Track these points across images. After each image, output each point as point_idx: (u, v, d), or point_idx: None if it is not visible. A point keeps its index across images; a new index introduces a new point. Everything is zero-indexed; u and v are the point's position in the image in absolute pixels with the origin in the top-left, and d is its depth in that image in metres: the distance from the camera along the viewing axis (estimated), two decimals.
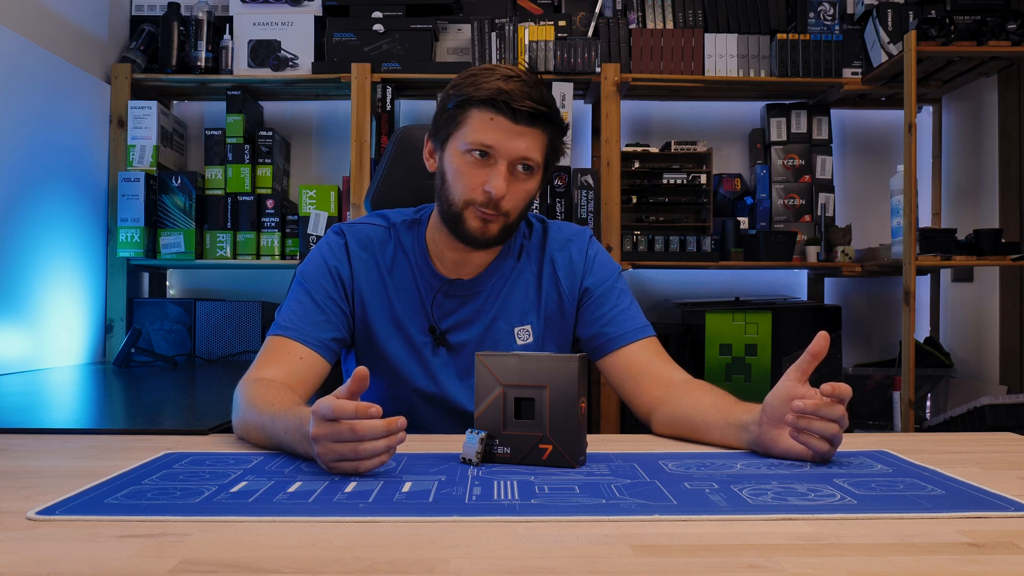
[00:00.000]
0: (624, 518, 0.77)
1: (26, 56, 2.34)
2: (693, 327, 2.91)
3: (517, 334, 1.35)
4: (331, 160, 3.16)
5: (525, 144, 1.23)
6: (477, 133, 1.22)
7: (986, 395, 2.52)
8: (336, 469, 0.92)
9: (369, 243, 1.34)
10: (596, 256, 1.38)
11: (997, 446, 1.17)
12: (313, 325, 1.27)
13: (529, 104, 1.21)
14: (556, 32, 2.85)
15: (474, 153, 1.23)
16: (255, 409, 1.10)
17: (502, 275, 1.36)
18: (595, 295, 1.36)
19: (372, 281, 1.33)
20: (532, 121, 1.22)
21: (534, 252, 1.38)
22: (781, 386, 1.03)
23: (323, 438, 0.91)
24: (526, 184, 1.26)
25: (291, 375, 1.22)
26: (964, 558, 0.66)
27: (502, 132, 1.22)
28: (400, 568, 0.63)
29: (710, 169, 2.96)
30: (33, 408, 1.62)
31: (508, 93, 1.20)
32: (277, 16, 2.87)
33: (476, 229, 1.25)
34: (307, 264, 1.34)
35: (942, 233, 2.52)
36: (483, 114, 1.22)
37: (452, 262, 1.33)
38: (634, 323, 1.35)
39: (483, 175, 1.23)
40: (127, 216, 2.75)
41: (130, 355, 2.47)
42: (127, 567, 0.63)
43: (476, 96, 1.22)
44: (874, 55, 2.77)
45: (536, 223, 1.41)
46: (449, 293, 1.34)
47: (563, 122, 1.28)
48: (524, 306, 1.36)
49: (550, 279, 1.37)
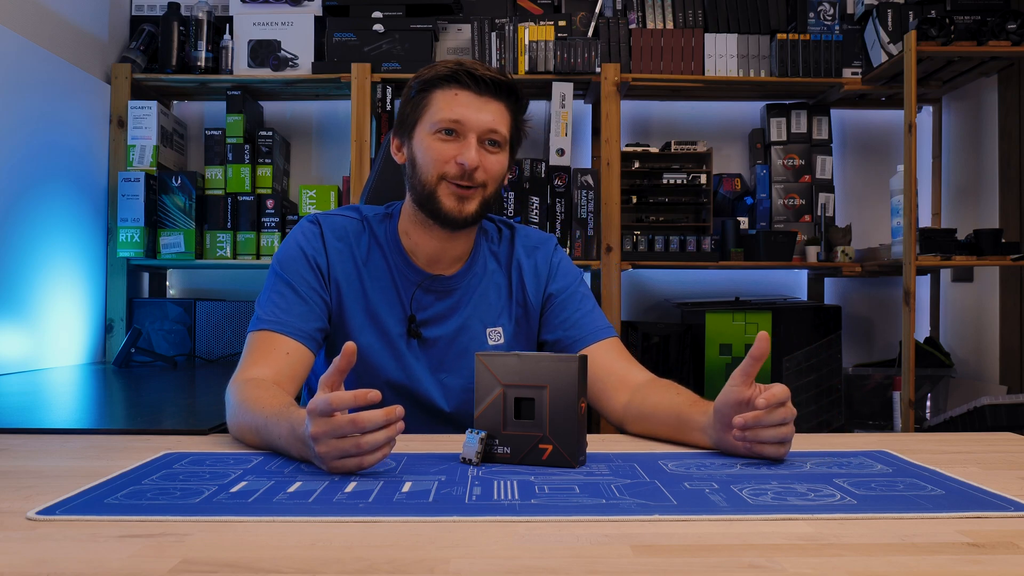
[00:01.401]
0: (624, 518, 0.77)
1: (26, 56, 2.34)
2: (693, 327, 2.91)
3: (489, 335, 1.36)
4: (331, 160, 3.16)
5: (491, 116, 1.25)
6: (443, 111, 1.25)
7: (986, 395, 2.52)
8: (338, 468, 0.91)
9: (344, 233, 1.34)
10: (560, 263, 1.41)
11: (997, 446, 1.17)
12: (296, 317, 1.25)
13: (490, 73, 1.25)
14: (556, 32, 2.85)
15: (442, 132, 1.25)
16: (248, 412, 1.09)
17: (475, 275, 1.37)
18: (558, 300, 1.38)
19: (347, 271, 1.32)
20: (496, 92, 1.26)
21: (503, 256, 1.40)
22: (728, 392, 1.04)
23: (323, 436, 0.90)
24: (497, 157, 1.28)
25: (280, 372, 1.20)
26: (964, 558, 0.66)
27: (467, 105, 1.25)
28: (400, 568, 0.63)
29: (710, 169, 2.96)
30: (33, 408, 1.62)
31: (468, 65, 1.25)
32: (277, 16, 2.87)
33: (452, 207, 1.26)
34: (283, 253, 1.32)
35: (942, 233, 2.52)
36: (447, 92, 1.26)
37: (426, 255, 1.33)
38: (595, 324, 1.37)
39: (453, 149, 1.25)
40: (127, 216, 2.75)
41: (130, 355, 2.47)
42: (127, 567, 0.63)
43: (438, 74, 1.26)
44: (874, 55, 2.77)
45: (504, 228, 1.43)
46: (427, 288, 1.33)
47: (524, 98, 1.31)
48: (497, 307, 1.37)
49: (518, 284, 1.39)
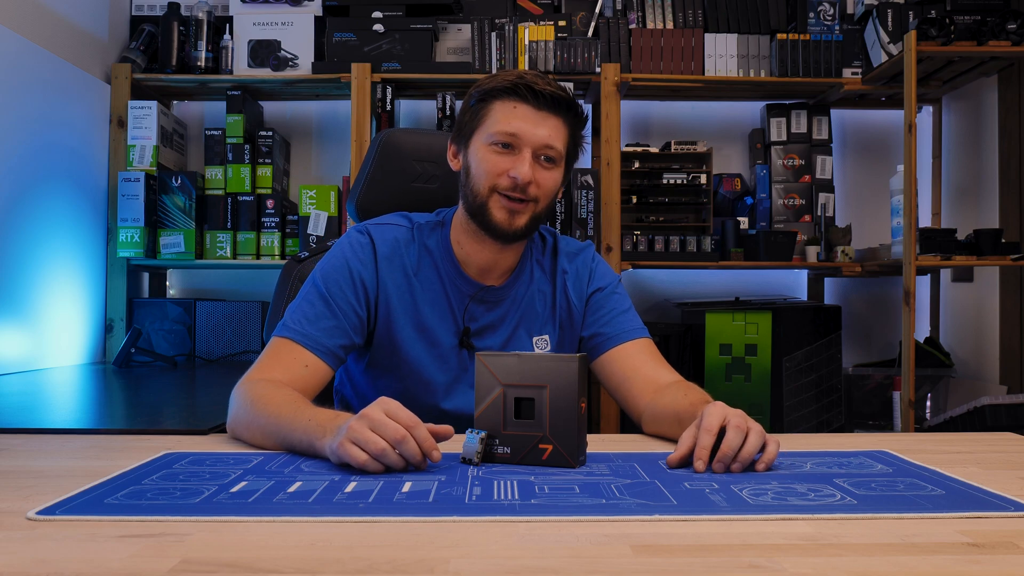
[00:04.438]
0: (624, 518, 0.77)
1: (26, 56, 2.34)
2: (693, 327, 2.91)
3: (536, 343, 1.37)
4: (331, 160, 3.16)
5: (547, 132, 1.25)
6: (500, 123, 1.25)
7: (986, 395, 2.52)
8: (347, 451, 0.93)
9: (396, 244, 1.32)
10: (598, 266, 1.42)
11: (997, 446, 1.17)
12: (322, 331, 1.24)
13: (550, 89, 1.24)
14: (556, 32, 2.85)
15: (498, 144, 1.25)
16: (262, 409, 1.09)
17: (523, 283, 1.37)
18: (596, 299, 1.39)
19: (398, 283, 1.31)
20: (554, 107, 1.25)
21: (547, 265, 1.40)
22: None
23: (372, 421, 0.93)
24: (551, 173, 1.28)
25: (293, 382, 1.19)
26: (964, 558, 0.66)
27: (525, 119, 1.24)
28: (400, 568, 0.63)
29: (710, 169, 2.96)
30: (33, 408, 1.62)
31: (528, 79, 1.24)
32: (277, 16, 2.87)
33: (503, 220, 1.26)
34: (327, 263, 1.30)
35: (942, 233, 2.52)
36: (506, 104, 1.25)
37: (478, 266, 1.32)
38: (630, 324, 1.37)
39: (507, 162, 1.25)
40: (127, 216, 2.75)
41: (130, 355, 2.47)
42: (127, 567, 0.63)
43: (498, 86, 1.25)
44: (874, 55, 2.77)
45: (548, 236, 1.43)
46: (479, 299, 1.33)
47: (583, 113, 1.30)
48: (543, 316, 1.38)
49: (562, 290, 1.39)
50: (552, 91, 1.24)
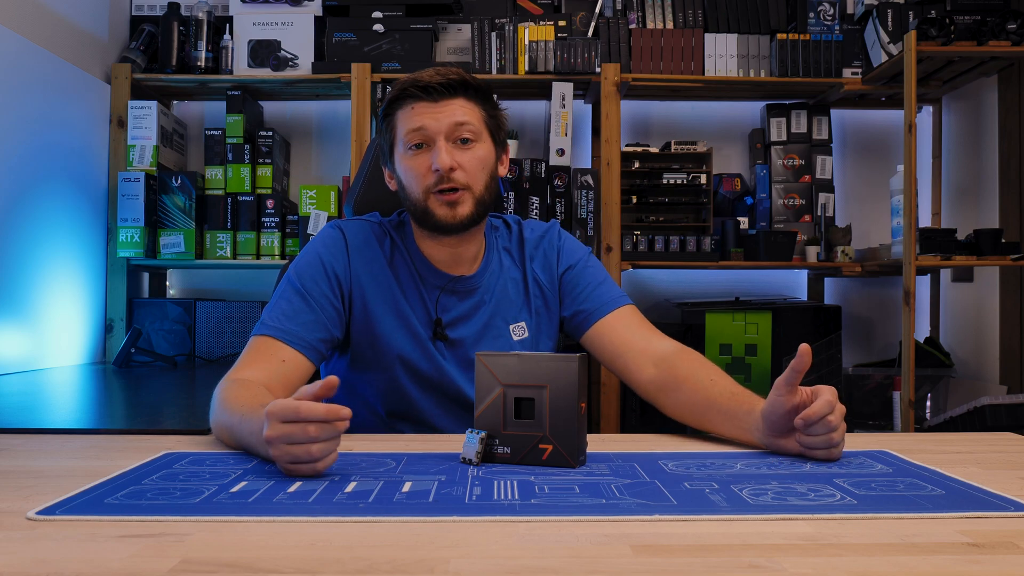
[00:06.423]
0: (624, 518, 0.77)
1: (26, 56, 2.34)
2: (693, 327, 2.91)
3: (513, 330, 1.37)
4: (331, 160, 3.16)
5: (450, 113, 1.26)
6: (405, 126, 1.27)
7: (986, 395, 2.52)
8: (294, 472, 0.91)
9: (368, 236, 1.35)
10: (565, 244, 1.42)
11: (997, 446, 1.17)
12: (300, 325, 1.25)
13: (437, 78, 1.26)
14: (556, 32, 2.85)
15: (412, 147, 1.27)
16: (227, 410, 1.08)
17: (493, 272, 1.38)
18: (569, 277, 1.40)
19: (375, 273, 1.33)
20: (451, 92, 1.27)
21: (515, 251, 1.41)
22: (775, 402, 1.05)
23: (277, 440, 0.89)
24: (473, 151, 1.28)
25: (271, 377, 1.19)
26: (964, 558, 0.66)
27: (425, 114, 1.26)
28: (400, 568, 0.63)
29: (710, 169, 2.96)
30: (33, 408, 1.62)
31: (416, 79, 1.27)
32: (277, 16, 2.87)
33: (445, 215, 1.27)
34: (300, 260, 1.32)
35: (942, 233, 2.52)
36: (405, 110, 1.28)
37: (443, 262, 1.34)
38: (609, 295, 1.37)
39: (427, 159, 1.27)
40: (127, 216, 2.75)
41: (130, 355, 2.47)
42: (127, 567, 0.63)
43: (393, 98, 1.29)
44: (874, 55, 2.77)
45: (512, 224, 1.44)
46: (450, 290, 1.34)
47: (483, 87, 1.31)
48: (517, 303, 1.39)
49: (532, 275, 1.40)
50: (440, 79, 1.26)
